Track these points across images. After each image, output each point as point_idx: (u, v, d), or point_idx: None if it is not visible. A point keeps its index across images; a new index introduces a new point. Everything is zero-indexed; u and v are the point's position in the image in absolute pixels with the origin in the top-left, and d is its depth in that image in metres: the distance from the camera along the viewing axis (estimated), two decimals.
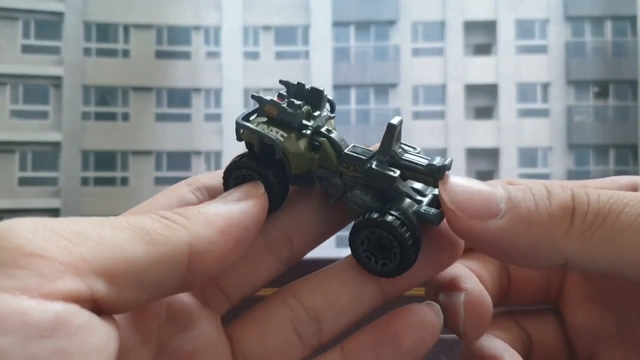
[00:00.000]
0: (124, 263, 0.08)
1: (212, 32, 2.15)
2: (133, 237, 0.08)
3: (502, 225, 0.10)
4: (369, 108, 2.31)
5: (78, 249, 0.07)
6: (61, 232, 0.07)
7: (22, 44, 1.93)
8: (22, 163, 1.93)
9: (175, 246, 0.08)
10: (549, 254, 0.10)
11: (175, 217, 0.09)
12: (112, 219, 0.08)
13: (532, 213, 0.10)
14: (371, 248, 0.10)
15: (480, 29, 2.01)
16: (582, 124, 1.96)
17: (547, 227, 0.10)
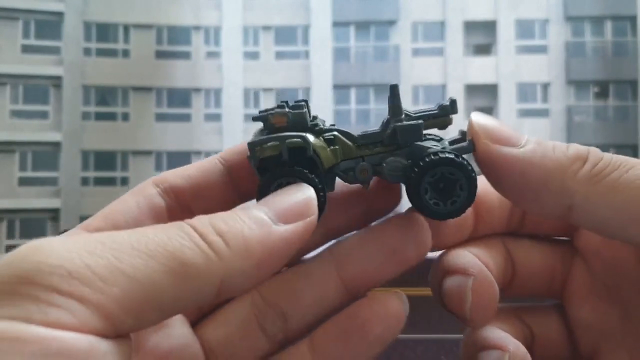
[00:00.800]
0: (153, 299, 0.08)
1: (212, 32, 2.13)
2: (167, 270, 0.08)
3: (520, 154, 0.10)
4: (369, 108, 2.30)
5: (111, 290, 0.07)
6: (95, 267, 0.07)
7: (22, 44, 1.92)
8: (22, 163, 1.92)
9: (207, 281, 0.08)
10: (557, 192, 0.10)
11: (215, 241, 0.08)
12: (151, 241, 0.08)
13: (548, 150, 0.10)
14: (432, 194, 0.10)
15: (480, 29, 2.00)
16: (582, 124, 1.96)
17: (559, 164, 0.10)
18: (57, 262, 0.07)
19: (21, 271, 0.07)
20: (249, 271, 0.08)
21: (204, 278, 0.08)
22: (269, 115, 0.10)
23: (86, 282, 0.07)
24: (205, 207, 0.11)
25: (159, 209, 0.10)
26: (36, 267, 0.07)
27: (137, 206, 0.10)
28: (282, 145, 0.10)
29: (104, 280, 0.07)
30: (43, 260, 0.07)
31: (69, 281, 0.07)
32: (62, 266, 0.07)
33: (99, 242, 0.08)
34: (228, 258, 0.08)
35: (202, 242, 0.08)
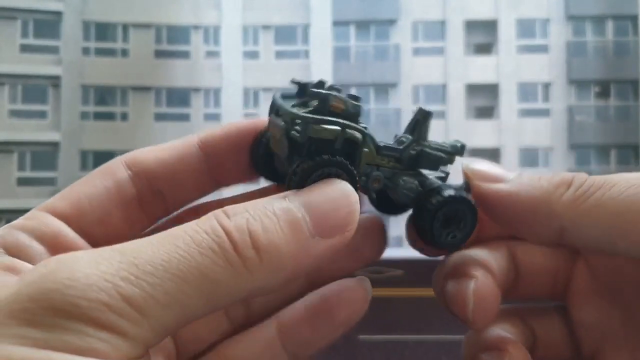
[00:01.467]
0: (184, 320, 0.08)
1: (211, 31, 2.13)
2: (199, 292, 0.08)
3: (507, 187, 0.11)
4: (369, 108, 2.29)
5: (147, 321, 0.07)
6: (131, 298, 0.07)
7: (21, 44, 1.92)
8: (20, 163, 1.91)
9: (234, 296, 0.08)
10: (546, 218, 0.10)
11: (250, 259, 0.08)
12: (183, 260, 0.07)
13: (534, 180, 0.11)
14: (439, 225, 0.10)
15: (481, 28, 2.00)
16: (583, 124, 1.95)
17: (545, 191, 0.10)
18: (95, 296, 0.07)
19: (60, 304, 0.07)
20: (277, 285, 0.08)
21: (233, 293, 0.08)
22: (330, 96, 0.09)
23: (123, 315, 0.07)
24: (178, 193, 0.11)
25: (130, 196, 0.10)
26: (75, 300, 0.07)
27: (105, 192, 0.10)
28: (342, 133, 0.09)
29: (140, 311, 0.07)
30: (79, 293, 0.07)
31: (107, 315, 0.07)
32: (99, 300, 0.07)
33: (132, 264, 0.07)
34: (258, 273, 0.08)
35: (237, 259, 0.08)
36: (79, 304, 0.07)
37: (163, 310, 0.07)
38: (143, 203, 0.11)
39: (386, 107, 2.28)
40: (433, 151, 0.11)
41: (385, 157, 0.11)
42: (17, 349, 0.07)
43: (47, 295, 0.07)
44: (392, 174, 0.11)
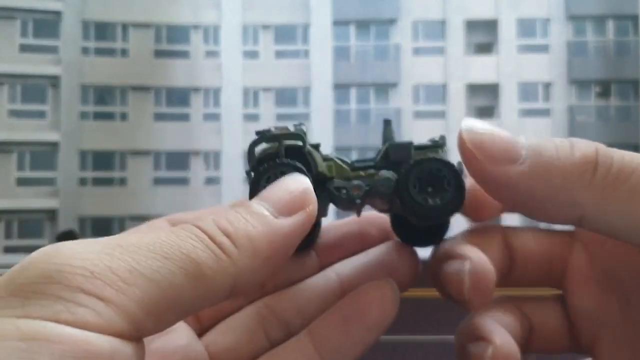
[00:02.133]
0: (172, 301, 0.08)
1: (211, 30, 2.14)
2: (184, 271, 0.08)
3: (522, 171, 0.10)
4: (369, 108, 2.30)
5: (132, 291, 0.08)
6: (116, 269, 0.08)
7: (20, 43, 1.93)
8: (20, 163, 1.92)
9: (221, 281, 0.09)
10: (567, 206, 0.10)
11: (225, 244, 0.09)
12: (165, 243, 0.08)
13: (553, 161, 0.10)
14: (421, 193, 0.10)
15: (481, 28, 2.01)
16: (584, 124, 1.95)
17: (567, 177, 0.09)
18: (80, 263, 0.08)
19: (45, 271, 0.07)
20: (259, 268, 0.09)
21: (218, 278, 0.09)
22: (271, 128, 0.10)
23: (108, 282, 0.08)
24: None
25: None
26: (59, 267, 0.08)
27: None
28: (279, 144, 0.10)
29: (125, 281, 0.08)
30: (65, 261, 0.08)
31: (92, 281, 0.08)
32: (84, 267, 0.08)
33: (117, 245, 0.08)
34: (238, 258, 0.09)
35: (212, 244, 0.09)
36: (63, 270, 0.07)
37: (148, 283, 0.08)
38: None
39: (386, 107, 2.28)
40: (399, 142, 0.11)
41: (361, 170, 0.12)
42: (1, 321, 0.07)
43: (33, 264, 0.07)
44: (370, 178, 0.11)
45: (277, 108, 2.32)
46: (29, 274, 0.08)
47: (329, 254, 0.11)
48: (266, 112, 2.25)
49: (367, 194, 0.11)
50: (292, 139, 0.11)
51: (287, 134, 0.11)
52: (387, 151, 0.12)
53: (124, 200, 2.09)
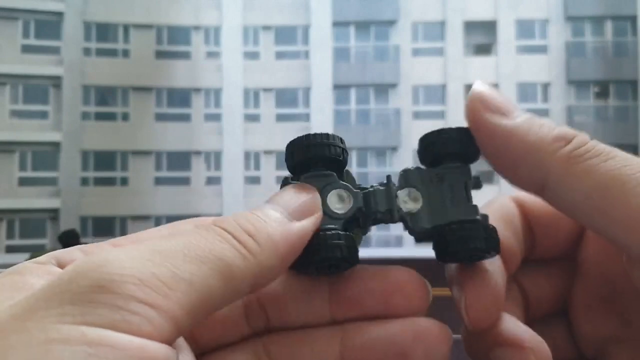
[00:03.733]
0: (206, 300, 0.08)
1: (212, 32, 2.12)
2: (216, 273, 0.08)
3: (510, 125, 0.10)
4: (369, 108, 2.27)
5: (176, 295, 0.08)
6: (160, 275, 0.08)
7: (22, 44, 1.91)
8: (21, 163, 1.91)
9: (245, 279, 0.09)
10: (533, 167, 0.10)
11: (248, 242, 0.09)
12: (198, 247, 0.08)
13: (534, 126, 0.10)
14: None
15: (480, 29, 1.99)
16: (582, 124, 1.95)
17: (540, 140, 0.10)
18: (129, 272, 0.07)
19: (98, 281, 0.07)
20: (276, 267, 0.09)
21: (244, 276, 0.08)
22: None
23: (155, 289, 0.07)
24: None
25: None
26: (111, 277, 0.07)
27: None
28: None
29: (169, 287, 0.08)
30: (115, 270, 0.07)
31: (142, 289, 0.07)
32: (133, 275, 0.07)
33: (155, 251, 0.08)
34: (260, 256, 0.09)
35: (238, 244, 0.09)
36: (114, 279, 0.07)
37: (188, 287, 0.08)
38: None
39: (386, 107, 2.26)
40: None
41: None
42: (55, 327, 0.07)
43: (83, 274, 0.07)
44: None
45: (278, 108, 2.30)
46: (82, 283, 0.07)
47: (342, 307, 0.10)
48: (267, 113, 2.23)
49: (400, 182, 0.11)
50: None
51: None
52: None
53: (125, 200, 2.07)
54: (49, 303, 0.07)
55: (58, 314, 0.07)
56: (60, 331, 0.07)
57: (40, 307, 0.07)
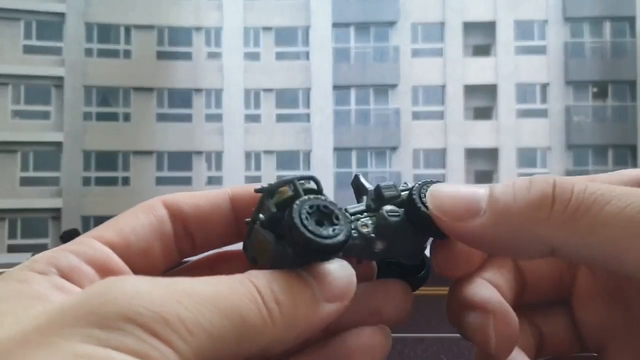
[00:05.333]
0: (219, 353, 0.08)
1: (213, 33, 2.13)
2: (235, 329, 0.08)
3: (483, 223, 0.09)
4: (369, 108, 2.28)
5: (194, 341, 0.08)
6: (185, 319, 0.08)
7: (24, 45, 1.92)
8: (23, 163, 1.92)
9: (258, 343, 0.09)
10: (532, 243, 0.09)
11: (273, 309, 0.09)
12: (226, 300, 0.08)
13: (509, 204, 0.09)
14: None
15: (479, 30, 2.00)
16: (581, 124, 1.95)
17: (524, 216, 0.09)
18: (157, 310, 0.08)
19: (126, 311, 0.07)
20: (291, 340, 0.09)
21: (258, 340, 0.08)
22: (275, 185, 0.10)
23: (178, 331, 0.08)
24: (207, 236, 0.11)
25: (167, 232, 0.11)
26: (139, 310, 0.07)
27: (148, 225, 0.11)
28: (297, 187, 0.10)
29: (191, 332, 0.08)
30: (144, 305, 0.08)
31: (164, 328, 0.07)
32: (160, 314, 0.08)
33: (187, 294, 0.08)
34: (279, 326, 0.08)
35: (264, 309, 0.08)
36: (142, 313, 0.08)
37: (206, 337, 0.08)
38: (177, 242, 0.11)
39: (386, 108, 2.26)
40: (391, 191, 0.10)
41: (358, 214, 0.11)
42: (82, 346, 0.07)
43: (113, 301, 0.08)
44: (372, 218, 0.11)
45: (278, 109, 2.31)
46: (111, 309, 0.08)
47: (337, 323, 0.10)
48: (267, 113, 2.24)
49: (376, 228, 0.10)
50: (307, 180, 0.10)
51: (300, 177, 0.10)
52: (379, 191, 0.10)
53: (127, 200, 2.09)
54: (77, 322, 0.07)
55: (85, 334, 0.07)
56: (87, 349, 0.07)
57: (67, 325, 0.07)
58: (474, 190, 0.10)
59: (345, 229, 0.10)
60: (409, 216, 0.10)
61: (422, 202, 0.10)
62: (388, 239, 0.10)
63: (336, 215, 0.10)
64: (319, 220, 0.10)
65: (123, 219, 0.10)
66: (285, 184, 0.10)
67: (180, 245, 0.11)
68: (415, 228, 0.10)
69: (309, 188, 0.10)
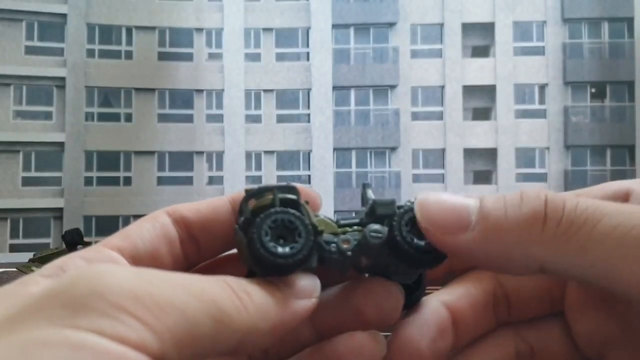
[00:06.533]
0: (195, 337, 0.09)
1: (213, 34, 2.16)
2: (209, 313, 0.09)
3: (473, 238, 0.10)
4: (368, 109, 2.32)
5: (167, 318, 0.08)
6: (156, 296, 0.08)
7: (26, 46, 1.94)
8: (25, 163, 1.94)
9: (234, 331, 0.09)
10: (523, 261, 0.10)
11: (244, 298, 0.09)
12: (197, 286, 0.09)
13: (501, 221, 0.10)
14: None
15: (478, 31, 2.02)
16: (579, 125, 1.97)
17: (516, 234, 0.10)
18: (127, 286, 0.08)
19: (96, 289, 0.08)
20: (265, 331, 0.10)
21: (233, 327, 0.09)
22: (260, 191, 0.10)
23: (149, 307, 0.08)
24: (210, 240, 0.12)
25: (172, 237, 0.12)
26: (109, 288, 0.08)
27: (153, 230, 0.11)
28: (275, 196, 0.10)
29: (162, 309, 0.08)
30: (115, 282, 0.08)
31: (136, 304, 0.08)
32: (130, 290, 0.08)
33: (158, 277, 0.09)
34: (252, 313, 0.09)
35: (235, 295, 0.09)
36: (112, 291, 0.08)
37: (180, 315, 0.08)
38: (183, 247, 0.12)
39: (385, 108, 2.30)
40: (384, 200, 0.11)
41: (347, 226, 0.11)
42: (47, 329, 0.08)
43: (82, 282, 0.08)
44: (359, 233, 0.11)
45: (279, 109, 2.34)
46: (80, 289, 0.08)
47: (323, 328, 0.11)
48: (268, 113, 2.27)
49: (357, 246, 0.11)
50: (286, 191, 0.11)
51: (281, 186, 0.11)
52: (373, 207, 0.11)
53: (128, 200, 2.12)
54: (46, 306, 0.08)
55: (52, 316, 0.08)
56: (43, 334, 0.07)
57: (33, 310, 0.08)
58: (464, 202, 0.10)
59: (305, 248, 0.10)
60: (389, 242, 0.11)
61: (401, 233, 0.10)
62: (372, 258, 0.11)
63: (299, 232, 0.10)
64: (283, 235, 0.10)
65: (129, 228, 0.11)
66: (269, 191, 0.11)
67: (186, 249, 0.12)
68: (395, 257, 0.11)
69: (288, 199, 0.11)
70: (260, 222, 0.10)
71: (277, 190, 0.11)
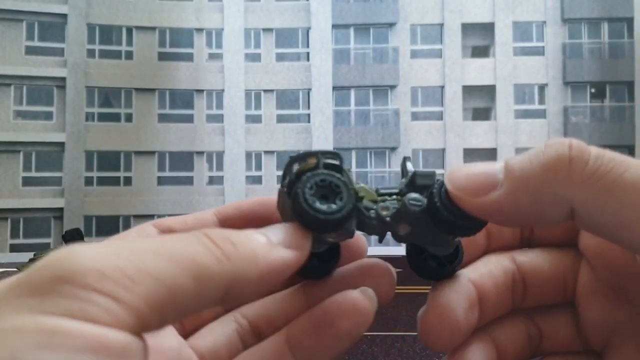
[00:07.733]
0: (174, 299, 0.08)
1: (214, 34, 2.15)
2: (186, 272, 0.08)
3: (501, 194, 0.09)
4: (368, 109, 2.31)
5: (139, 289, 0.08)
6: (124, 268, 0.08)
7: (26, 46, 1.94)
8: (26, 163, 1.93)
9: (218, 283, 0.08)
10: (554, 205, 0.09)
11: (226, 247, 0.09)
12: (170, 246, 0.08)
13: (526, 170, 0.09)
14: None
15: (478, 31, 2.02)
16: (578, 125, 1.96)
17: (543, 177, 0.09)
18: (92, 264, 0.07)
19: (60, 273, 0.07)
20: (253, 280, 0.09)
21: (217, 279, 0.08)
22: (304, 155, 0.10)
23: (118, 281, 0.07)
24: None
25: None
26: (72, 268, 0.07)
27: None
28: (320, 159, 0.10)
29: (132, 280, 0.07)
30: (78, 262, 0.07)
31: (103, 281, 0.07)
32: (95, 267, 0.07)
33: (124, 247, 0.08)
34: (237, 263, 0.09)
35: (215, 248, 0.08)
36: (76, 271, 0.07)
37: (153, 282, 0.08)
38: None
39: (385, 108, 2.28)
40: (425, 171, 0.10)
41: (387, 195, 0.11)
42: (12, 317, 0.07)
43: (47, 267, 0.08)
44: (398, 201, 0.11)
45: (278, 109, 2.34)
46: (44, 275, 0.07)
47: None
48: (268, 114, 2.27)
49: (397, 214, 0.10)
50: (330, 157, 0.10)
51: (325, 151, 0.10)
52: (413, 178, 0.10)
53: (128, 200, 2.11)
54: (8, 294, 0.07)
55: (15, 304, 0.07)
56: (14, 320, 0.07)
57: (2, 299, 0.07)
58: (490, 165, 0.10)
59: (346, 208, 0.10)
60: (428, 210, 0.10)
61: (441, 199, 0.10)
62: (410, 225, 0.10)
63: (341, 195, 0.10)
64: (325, 195, 0.10)
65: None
66: (312, 155, 0.10)
67: None
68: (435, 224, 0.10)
69: (331, 163, 0.10)
70: (306, 179, 0.10)
71: (321, 155, 0.10)
